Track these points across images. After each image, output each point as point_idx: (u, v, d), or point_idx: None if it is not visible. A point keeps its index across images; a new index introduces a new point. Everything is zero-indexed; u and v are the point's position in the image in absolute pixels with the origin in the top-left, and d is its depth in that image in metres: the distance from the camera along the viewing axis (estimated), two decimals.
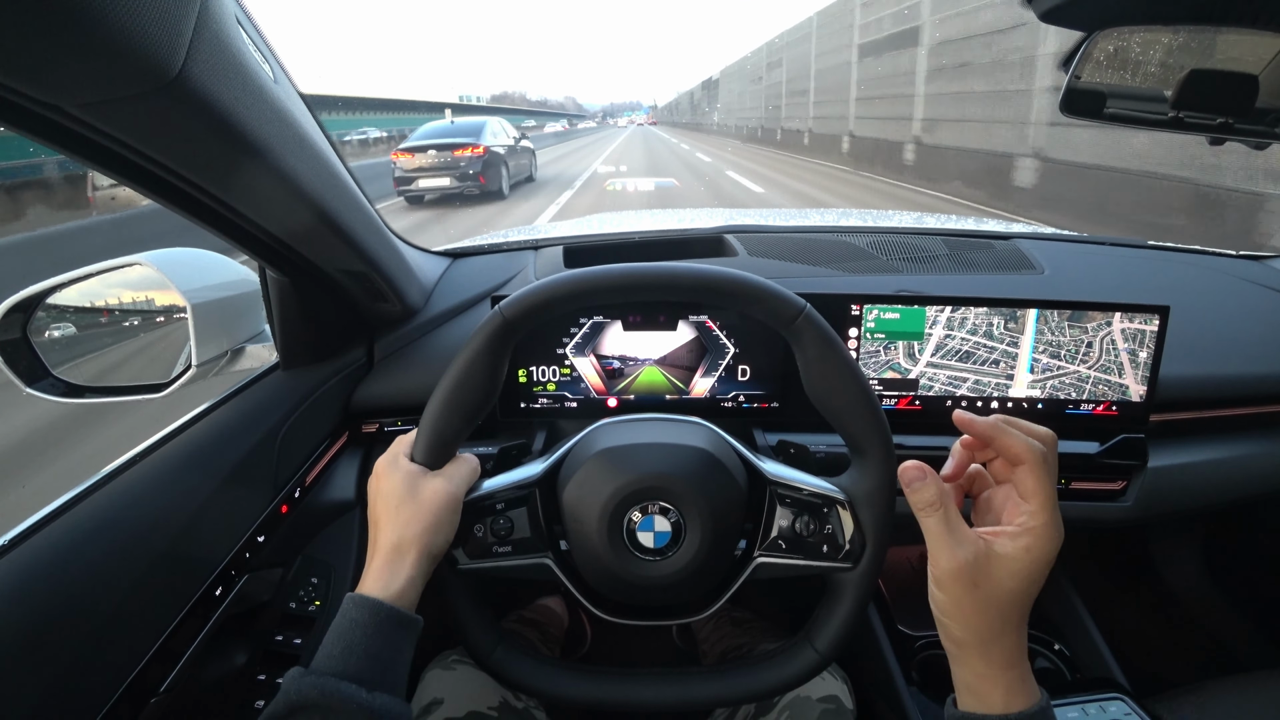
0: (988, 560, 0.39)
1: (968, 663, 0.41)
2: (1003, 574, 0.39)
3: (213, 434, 0.66)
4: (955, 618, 0.40)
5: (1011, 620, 0.40)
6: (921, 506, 0.41)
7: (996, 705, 0.40)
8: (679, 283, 0.51)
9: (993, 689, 0.40)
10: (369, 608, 0.45)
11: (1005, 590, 0.39)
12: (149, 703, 0.52)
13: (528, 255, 1.05)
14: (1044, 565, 0.39)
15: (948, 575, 0.39)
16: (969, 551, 0.39)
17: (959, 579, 0.39)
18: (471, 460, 0.54)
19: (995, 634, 0.40)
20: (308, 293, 0.71)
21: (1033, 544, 0.39)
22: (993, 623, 0.39)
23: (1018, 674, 0.40)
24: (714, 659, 0.95)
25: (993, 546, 0.39)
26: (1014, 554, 0.39)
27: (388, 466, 0.51)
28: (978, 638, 0.40)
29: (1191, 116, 0.69)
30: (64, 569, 0.49)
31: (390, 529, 0.48)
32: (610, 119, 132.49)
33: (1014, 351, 0.78)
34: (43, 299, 0.69)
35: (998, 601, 0.39)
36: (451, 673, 0.70)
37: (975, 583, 0.39)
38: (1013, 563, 0.39)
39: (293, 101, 0.52)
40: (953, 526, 0.40)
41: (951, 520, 0.40)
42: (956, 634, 0.41)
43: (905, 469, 0.42)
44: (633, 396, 0.81)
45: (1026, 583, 0.39)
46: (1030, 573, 0.39)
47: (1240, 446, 0.88)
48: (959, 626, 0.40)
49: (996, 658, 0.40)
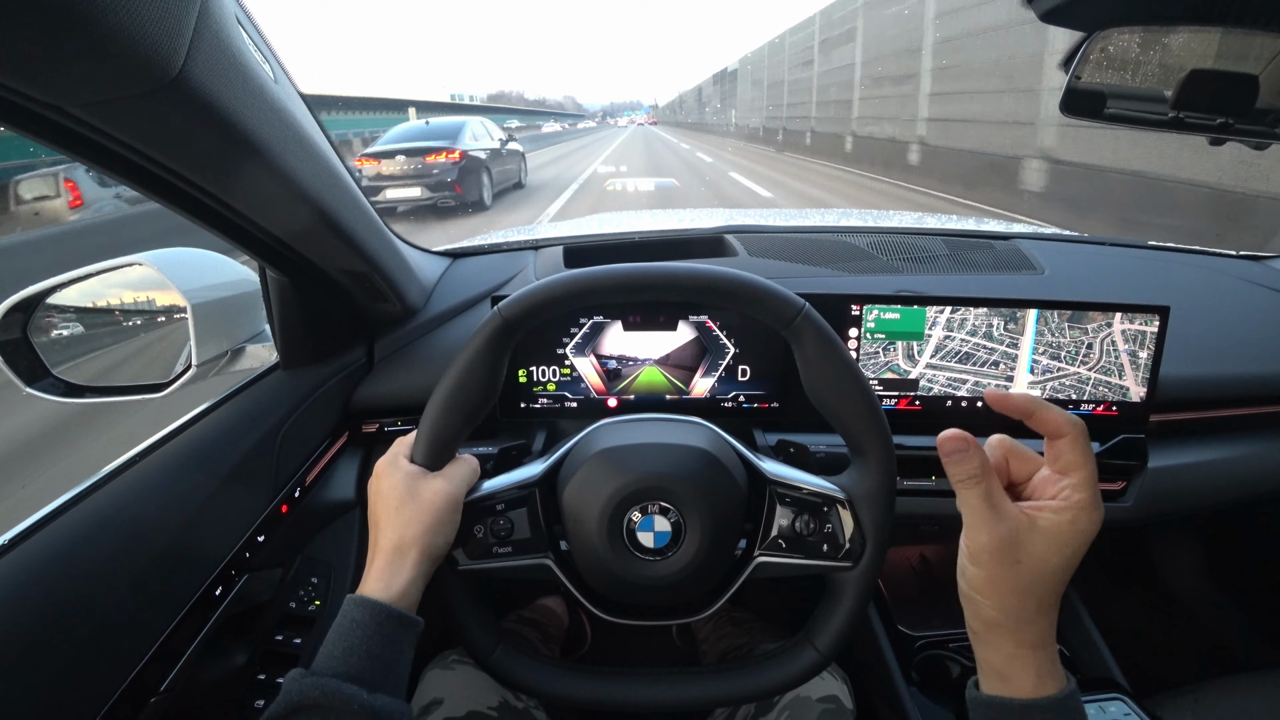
0: (1030, 535, 0.38)
1: (997, 645, 0.39)
2: (1046, 549, 0.37)
3: (213, 434, 0.66)
4: (990, 596, 0.39)
5: (1047, 600, 0.38)
6: (963, 478, 0.39)
7: (1026, 689, 0.38)
8: (679, 283, 0.51)
9: (1022, 672, 0.39)
10: (370, 608, 0.45)
11: (1048, 566, 0.38)
12: (149, 702, 0.52)
13: (528, 255, 1.05)
14: (1086, 540, 0.38)
15: (986, 550, 0.38)
16: (1010, 526, 0.38)
17: (999, 555, 0.38)
18: (471, 461, 0.54)
19: (1031, 614, 0.38)
20: (308, 292, 0.72)
21: (1078, 516, 0.37)
22: (1029, 601, 0.38)
23: (1047, 655, 0.39)
24: (714, 659, 0.95)
25: (1036, 521, 0.38)
26: (1059, 527, 0.37)
27: (388, 467, 0.51)
28: (1013, 618, 0.38)
29: (1191, 117, 0.69)
30: (64, 569, 0.49)
31: (391, 530, 0.48)
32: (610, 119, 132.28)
33: (1014, 353, 0.78)
34: (43, 299, 0.69)
35: (1039, 578, 0.38)
36: (451, 673, 0.70)
37: (1017, 559, 0.37)
38: (1057, 536, 0.37)
39: (293, 101, 0.52)
40: (995, 500, 0.38)
41: (995, 493, 0.39)
42: (989, 614, 0.39)
43: (945, 439, 0.40)
44: (633, 396, 0.81)
45: (1068, 558, 0.38)
46: (1074, 548, 0.38)
47: (1240, 446, 0.88)
48: (993, 605, 0.39)
49: (1028, 639, 0.39)
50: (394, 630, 0.45)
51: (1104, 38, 0.71)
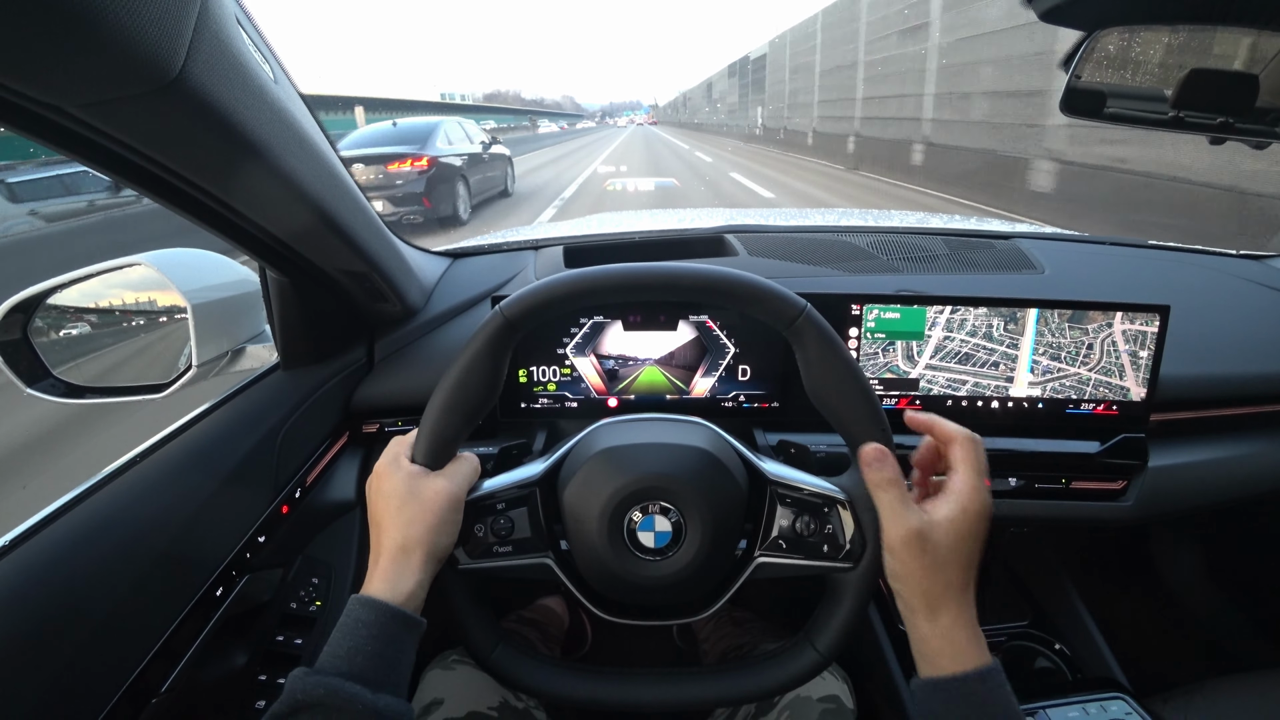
0: (931, 526, 0.45)
1: (918, 627, 0.46)
2: (945, 536, 0.45)
3: (213, 434, 0.66)
4: (906, 581, 0.46)
5: (955, 583, 0.45)
6: (879, 483, 0.47)
7: (949, 666, 0.44)
8: (679, 282, 0.51)
9: (941, 651, 0.45)
10: (375, 608, 0.45)
11: (949, 550, 0.45)
12: (149, 703, 0.52)
13: (528, 255, 1.05)
14: (979, 522, 0.45)
15: (899, 542, 0.45)
16: (916, 519, 0.45)
17: (909, 545, 0.45)
18: (472, 460, 0.54)
19: (940, 595, 0.45)
20: (308, 293, 0.72)
21: (966, 504, 0.45)
22: (937, 582, 0.45)
23: (966, 635, 0.45)
24: (714, 659, 0.95)
25: (933, 515, 0.46)
26: (951, 516, 0.45)
27: (388, 467, 0.51)
28: (926, 600, 0.45)
29: (1192, 116, 0.70)
30: (65, 569, 0.49)
31: (394, 530, 0.48)
32: (609, 118, 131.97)
33: (1014, 353, 0.78)
34: (43, 299, 0.69)
35: (944, 562, 0.45)
36: (451, 673, 0.70)
37: (924, 548, 0.45)
38: (951, 524, 0.45)
39: (293, 101, 0.52)
40: (904, 501, 0.46)
41: (903, 496, 0.47)
42: (908, 597, 0.46)
43: (865, 451, 0.48)
44: (633, 396, 0.81)
45: (967, 541, 0.45)
46: (968, 531, 0.45)
47: (1240, 446, 0.88)
48: (910, 589, 0.46)
49: (944, 619, 0.45)
50: (398, 630, 0.45)
51: (1104, 37, 0.71)
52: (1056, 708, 0.76)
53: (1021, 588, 1.16)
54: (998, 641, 1.04)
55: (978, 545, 0.46)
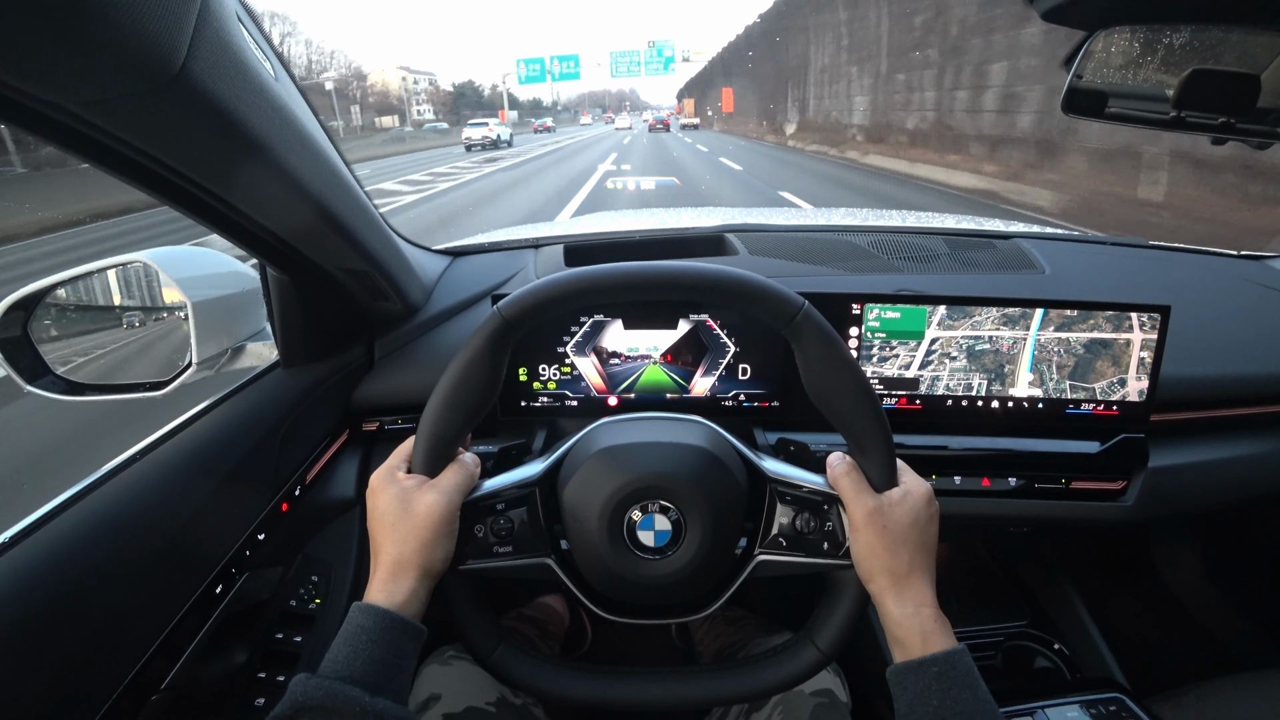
0: (889, 504, 0.50)
1: (889, 611, 0.49)
2: (899, 512, 0.50)
3: (213, 432, 0.66)
4: (872, 559, 0.50)
5: (918, 565, 0.50)
6: (841, 472, 0.52)
7: (916, 648, 0.47)
8: (679, 282, 0.51)
9: (910, 632, 0.48)
10: (375, 615, 0.46)
11: (906, 526, 0.50)
12: (149, 700, 0.53)
13: (528, 254, 1.05)
14: (927, 503, 0.51)
15: (862, 520, 0.50)
16: (873, 500, 0.51)
17: (870, 522, 0.50)
18: (469, 464, 0.54)
19: (905, 575, 0.49)
20: (308, 291, 0.71)
21: (910, 487, 0.52)
22: (901, 562, 0.49)
23: (930, 615, 0.48)
24: (709, 657, 0.95)
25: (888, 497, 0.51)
26: (900, 497, 0.51)
27: (382, 482, 0.51)
28: (893, 578, 0.49)
29: (1193, 116, 0.69)
30: (65, 566, 0.49)
31: (390, 546, 0.49)
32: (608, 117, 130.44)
33: (1014, 353, 0.78)
34: (44, 297, 0.69)
35: (902, 538, 0.50)
36: (449, 668, 0.70)
37: (884, 524, 0.50)
38: (902, 502, 0.51)
39: (293, 99, 0.52)
40: (863, 484, 0.52)
41: (862, 481, 0.52)
42: (876, 577, 0.50)
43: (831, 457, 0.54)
44: (633, 395, 0.81)
45: (920, 520, 0.50)
46: (920, 509, 0.51)
47: (1240, 446, 0.88)
48: (876, 567, 0.50)
49: (909, 598, 0.49)
50: (397, 636, 0.46)
51: (1105, 37, 0.71)
52: (1055, 707, 0.76)
53: (1021, 588, 1.17)
54: (997, 641, 1.04)
55: (931, 528, 0.51)
